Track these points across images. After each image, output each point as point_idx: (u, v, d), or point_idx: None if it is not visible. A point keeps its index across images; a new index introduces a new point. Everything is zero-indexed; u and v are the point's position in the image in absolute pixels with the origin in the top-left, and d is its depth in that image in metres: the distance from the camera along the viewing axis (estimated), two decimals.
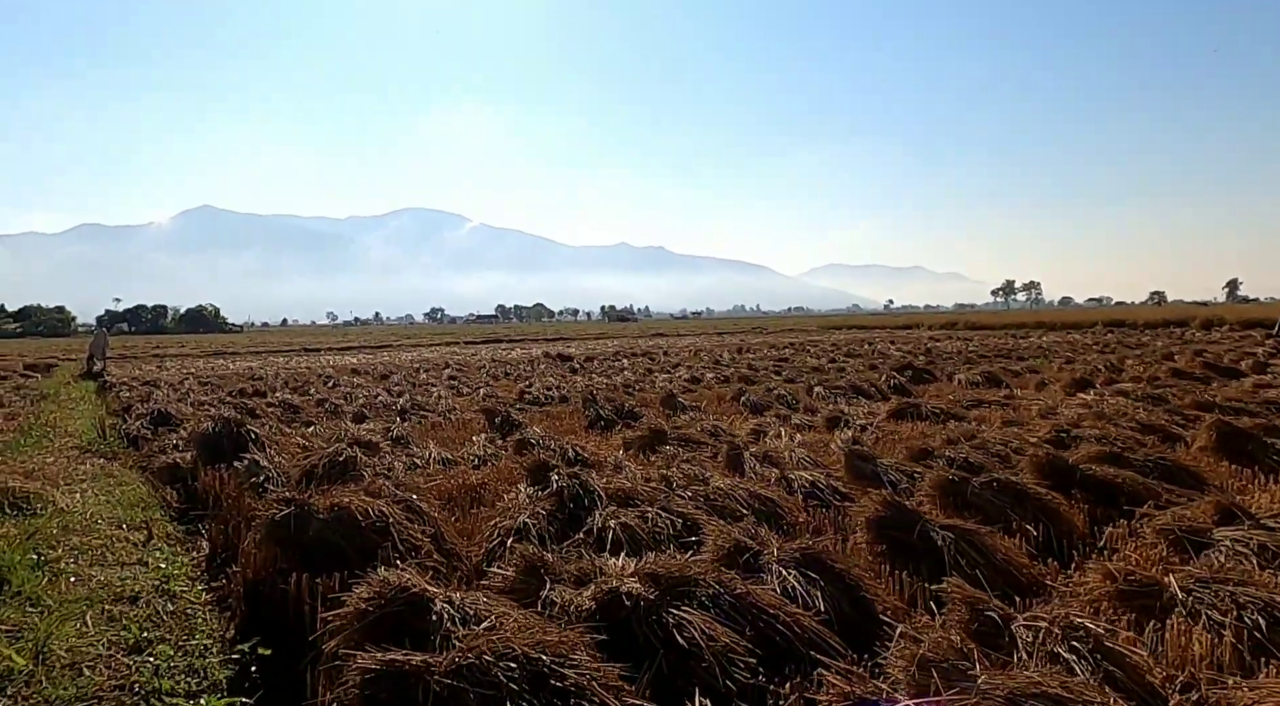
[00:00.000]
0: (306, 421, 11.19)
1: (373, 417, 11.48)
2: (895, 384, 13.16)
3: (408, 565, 3.80)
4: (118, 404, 13.74)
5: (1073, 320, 41.12)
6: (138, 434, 10.26)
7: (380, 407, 12.56)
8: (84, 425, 11.58)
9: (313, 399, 13.77)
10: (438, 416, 11.63)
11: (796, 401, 11.87)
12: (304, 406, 12.53)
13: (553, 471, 5.43)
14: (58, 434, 10.79)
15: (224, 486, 6.33)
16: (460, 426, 10.50)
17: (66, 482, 7.31)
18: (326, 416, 11.77)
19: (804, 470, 6.08)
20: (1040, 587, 4.06)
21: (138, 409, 12.02)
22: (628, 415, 10.51)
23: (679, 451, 7.34)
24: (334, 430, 10.07)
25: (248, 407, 11.85)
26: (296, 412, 12.02)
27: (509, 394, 14.48)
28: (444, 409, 12.32)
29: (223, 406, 12.57)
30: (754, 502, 5.30)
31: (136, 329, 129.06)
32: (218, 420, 7.67)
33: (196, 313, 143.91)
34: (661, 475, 5.72)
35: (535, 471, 5.62)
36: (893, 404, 10.23)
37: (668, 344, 36.72)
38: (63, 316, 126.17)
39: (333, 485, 5.32)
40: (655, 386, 15.05)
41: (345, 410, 12.33)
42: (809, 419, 9.86)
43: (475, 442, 8.60)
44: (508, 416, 9.86)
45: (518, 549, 3.77)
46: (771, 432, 8.62)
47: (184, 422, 10.82)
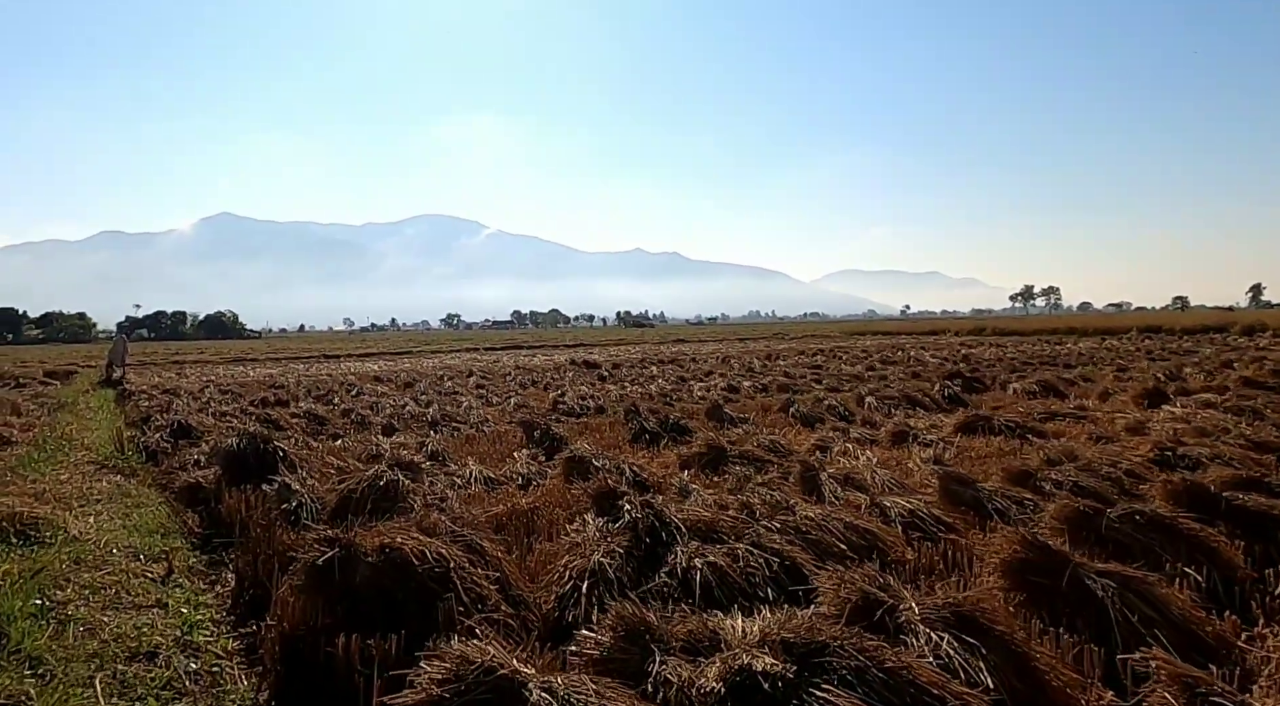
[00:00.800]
0: (333, 434, 10.63)
1: (402, 430, 10.91)
2: (949, 393, 12.44)
3: (476, 621, 3.19)
4: (136, 414, 13.25)
5: (1105, 325, 40.04)
6: (157, 447, 9.73)
7: (409, 419, 12.00)
8: (101, 437, 11.08)
9: (338, 409, 13.23)
10: (470, 428, 11.05)
11: (850, 413, 11.20)
12: (330, 417, 11.98)
13: (623, 499, 4.80)
14: (74, 447, 10.28)
15: (251, 511, 5.74)
16: (496, 440, 9.91)
17: (80, 504, 6.76)
18: (354, 428, 11.21)
19: (895, 495, 5.42)
20: (1227, 649, 3.38)
21: (157, 420, 11.51)
22: (674, 428, 9.87)
23: (746, 471, 6.69)
24: (364, 444, 9.52)
25: (271, 419, 11.32)
26: (322, 424, 11.46)
27: (541, 404, 13.88)
28: (476, 420, 11.74)
29: (245, 417, 12.08)
30: (850, 535, 4.66)
31: (156, 335, 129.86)
32: (242, 435, 7.10)
33: (215, 319, 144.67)
34: (741, 502, 5.07)
35: (601, 499, 4.99)
36: (959, 417, 9.53)
37: (692, 350, 36.05)
38: (84, 323, 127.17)
39: (377, 517, 4.71)
40: (694, 395, 14.41)
41: (373, 421, 11.77)
42: (870, 432, 9.18)
43: (517, 460, 8.00)
44: (547, 430, 9.25)
45: (611, 607, 3.12)
46: (836, 449, 7.96)
47: (206, 435, 10.30)
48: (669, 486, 6.20)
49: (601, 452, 7.15)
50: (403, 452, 7.12)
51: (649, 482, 6.24)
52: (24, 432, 11.40)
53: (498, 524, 5.35)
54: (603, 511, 4.91)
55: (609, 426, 10.78)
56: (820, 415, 11.01)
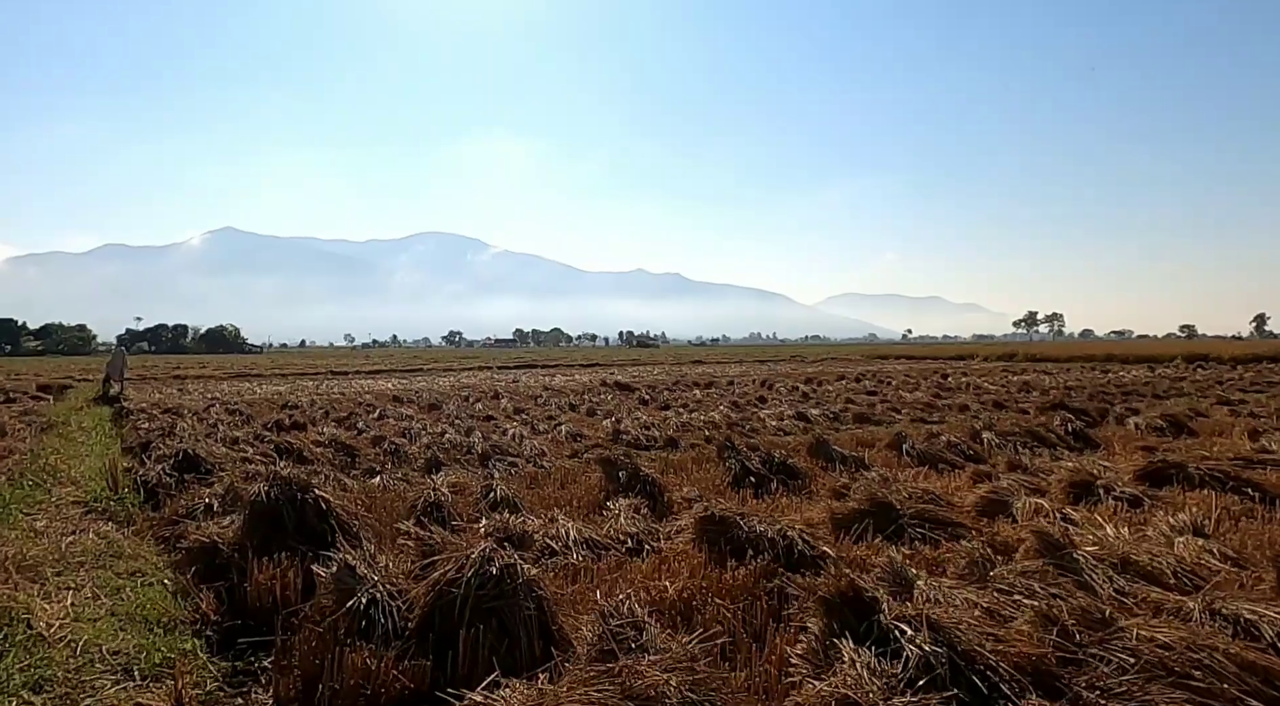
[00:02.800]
0: (368, 468, 8.94)
1: (449, 464, 9.23)
2: (1073, 429, 10.76)
3: None
4: (135, 438, 11.57)
5: (1149, 353, 38.31)
6: (158, 483, 8.05)
7: (450, 449, 10.31)
8: (92, 468, 9.38)
9: (365, 436, 11.54)
10: (528, 463, 9.36)
11: (974, 452, 9.51)
12: (358, 447, 10.28)
13: (878, 613, 3.12)
14: (58, 481, 8.58)
15: (293, 600, 4.08)
16: (568, 479, 8.23)
17: (56, 573, 5.08)
18: (390, 461, 9.52)
19: (1233, 600, 3.74)
20: None
21: (159, 447, 9.83)
22: (780, 469, 8.20)
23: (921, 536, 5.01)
24: (409, 484, 7.83)
25: (292, 448, 9.63)
26: (352, 456, 9.77)
27: (595, 432, 12.20)
28: (530, 452, 10.06)
29: (260, 443, 10.40)
30: (1242, 676, 2.99)
31: (157, 349, 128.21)
32: (272, 480, 5.42)
33: (217, 333, 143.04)
34: (1044, 615, 3.37)
35: (833, 608, 3.30)
36: (1137, 461, 7.84)
37: (716, 371, 34.37)
38: (83, 335, 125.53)
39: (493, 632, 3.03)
40: (767, 426, 12.73)
41: (409, 452, 10.09)
42: (1027, 480, 7.47)
43: (613, 511, 6.32)
44: (635, 469, 7.55)
45: None
46: (1019, 504, 6.29)
47: (218, 468, 8.62)
48: (861, 563, 4.54)
49: (734, 508, 5.46)
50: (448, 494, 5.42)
51: (835, 560, 4.56)
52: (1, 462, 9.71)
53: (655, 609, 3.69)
54: (834, 621, 3.23)
55: (693, 463, 9.11)
56: (940, 454, 9.32)
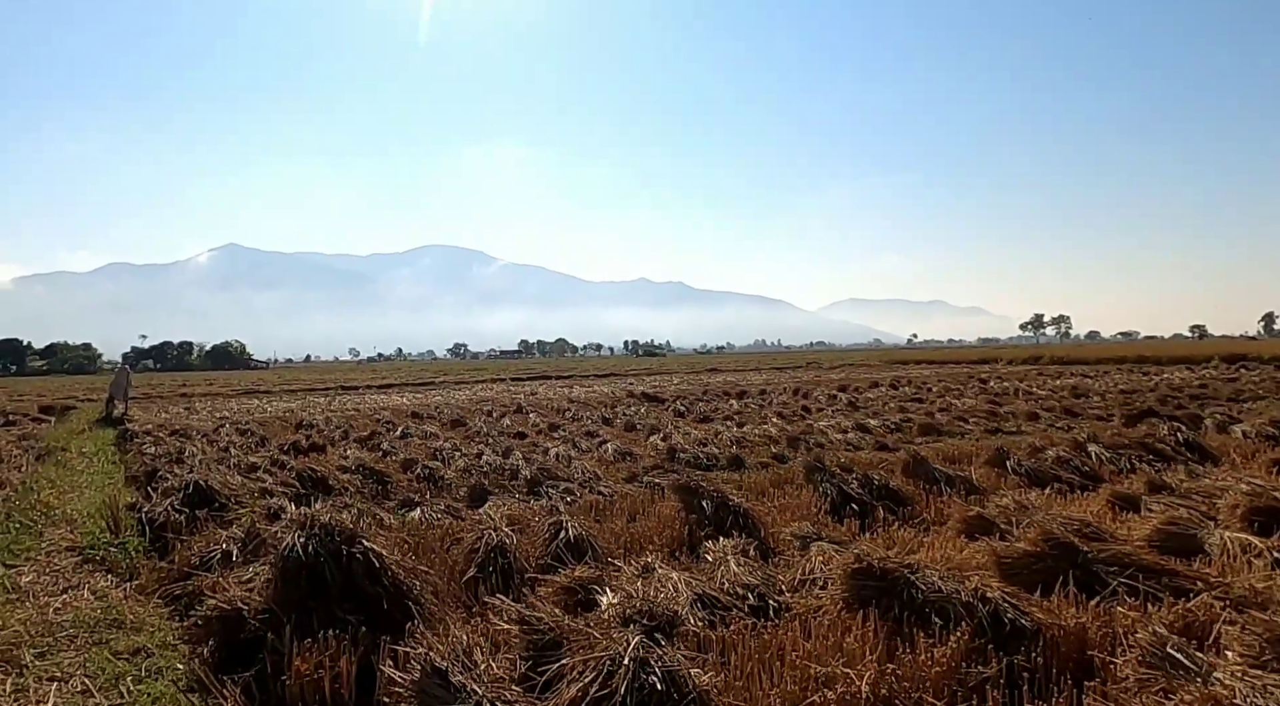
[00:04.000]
0: (404, 499, 7.82)
1: (495, 492, 8.12)
2: (1186, 440, 9.61)
3: None
4: (139, 465, 10.49)
5: (1183, 354, 37.01)
6: (166, 522, 6.95)
7: (490, 473, 9.21)
8: (91, 503, 8.27)
9: (393, 459, 10.43)
10: (584, 489, 8.24)
11: (1089, 469, 8.37)
12: (388, 472, 9.16)
13: None
14: (51, 520, 7.48)
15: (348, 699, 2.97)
16: (635, 511, 7.11)
17: (37, 654, 3.97)
18: (427, 489, 8.42)
19: None
20: None
21: (166, 476, 8.74)
22: (883, 493, 7.09)
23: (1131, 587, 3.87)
24: (462, 521, 6.71)
25: (316, 476, 8.54)
26: (383, 484, 8.66)
27: (645, 450, 11.08)
28: (582, 476, 8.94)
29: (281, 471, 9.30)
30: None
31: (162, 366, 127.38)
32: (309, 528, 4.31)
33: (222, 349, 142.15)
34: None
35: None
36: None
37: (738, 380, 33.21)
38: (88, 353, 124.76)
39: None
40: (830, 439, 11.59)
41: (446, 477, 8.99)
42: (1186, 503, 6.34)
43: (715, 554, 5.20)
44: (723, 499, 6.42)
45: None
46: (1214, 540, 5.16)
47: (233, 502, 7.54)
48: (1080, 635, 3.42)
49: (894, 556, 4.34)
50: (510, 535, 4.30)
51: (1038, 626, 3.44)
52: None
53: None
54: None
55: (773, 486, 7.98)
56: (1052, 471, 8.20)
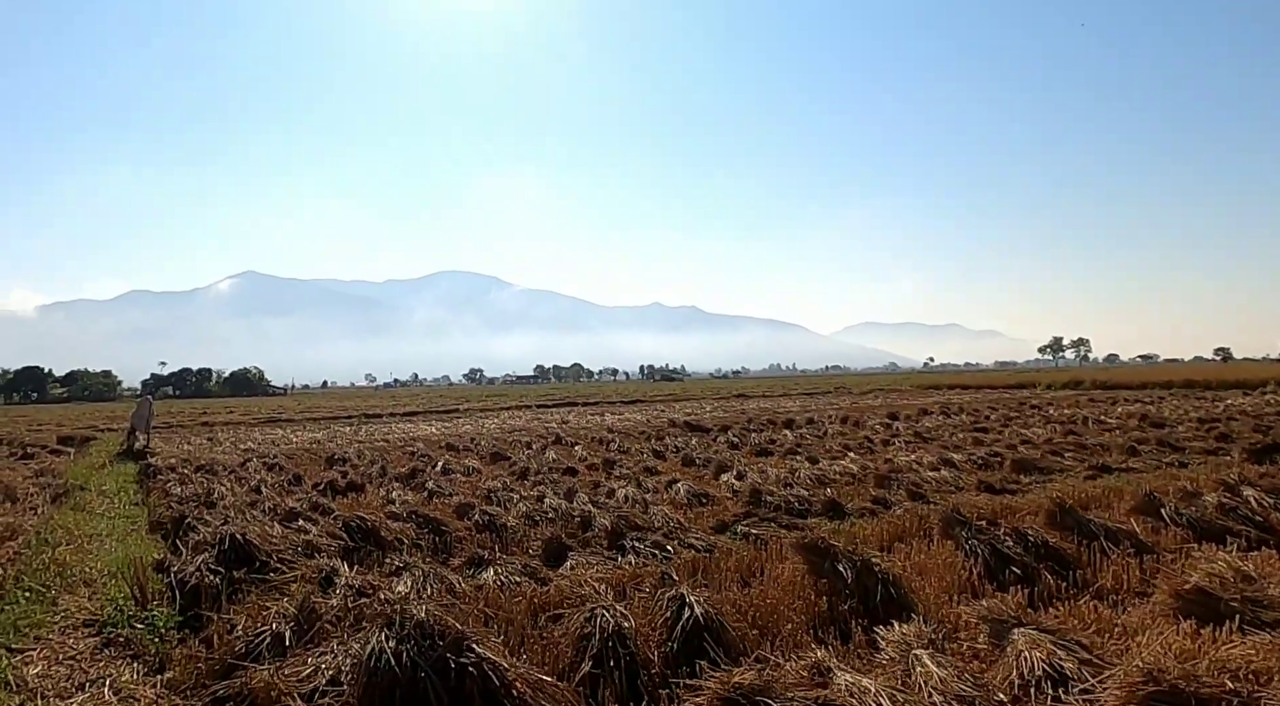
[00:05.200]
0: (471, 556, 6.75)
1: (574, 547, 7.06)
2: None
3: None
4: (165, 509, 9.52)
5: (1233, 378, 35.53)
6: (199, 584, 5.95)
7: (558, 521, 8.18)
8: (112, 560, 7.26)
9: (443, 501, 9.40)
10: (667, 539, 7.16)
11: (1259, 517, 7.22)
12: (443, 519, 8.12)
13: None
14: (66, 583, 6.48)
15: None
16: (747, 573, 6.03)
17: None
18: (492, 541, 7.36)
19: None
20: None
21: (196, 525, 7.75)
22: (1041, 552, 5.99)
23: None
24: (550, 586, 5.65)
25: (366, 526, 7.53)
26: (440, 534, 7.64)
27: (720, 491, 10.00)
28: (664, 524, 7.86)
29: (323, 517, 8.28)
30: None
31: (181, 393, 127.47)
32: (400, 624, 3.29)
33: (241, 376, 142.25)
34: None
35: None
36: None
37: (774, 406, 32.04)
38: (108, 381, 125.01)
39: None
40: (922, 476, 10.46)
41: (508, 525, 7.95)
42: None
43: (894, 647, 4.12)
44: (865, 563, 5.34)
45: None
46: None
47: (275, 559, 6.52)
48: None
49: (1206, 675, 3.25)
50: None
51: None
52: (1, 549, 7.66)
53: None
54: None
55: (896, 540, 6.88)
56: (1217, 521, 7.07)
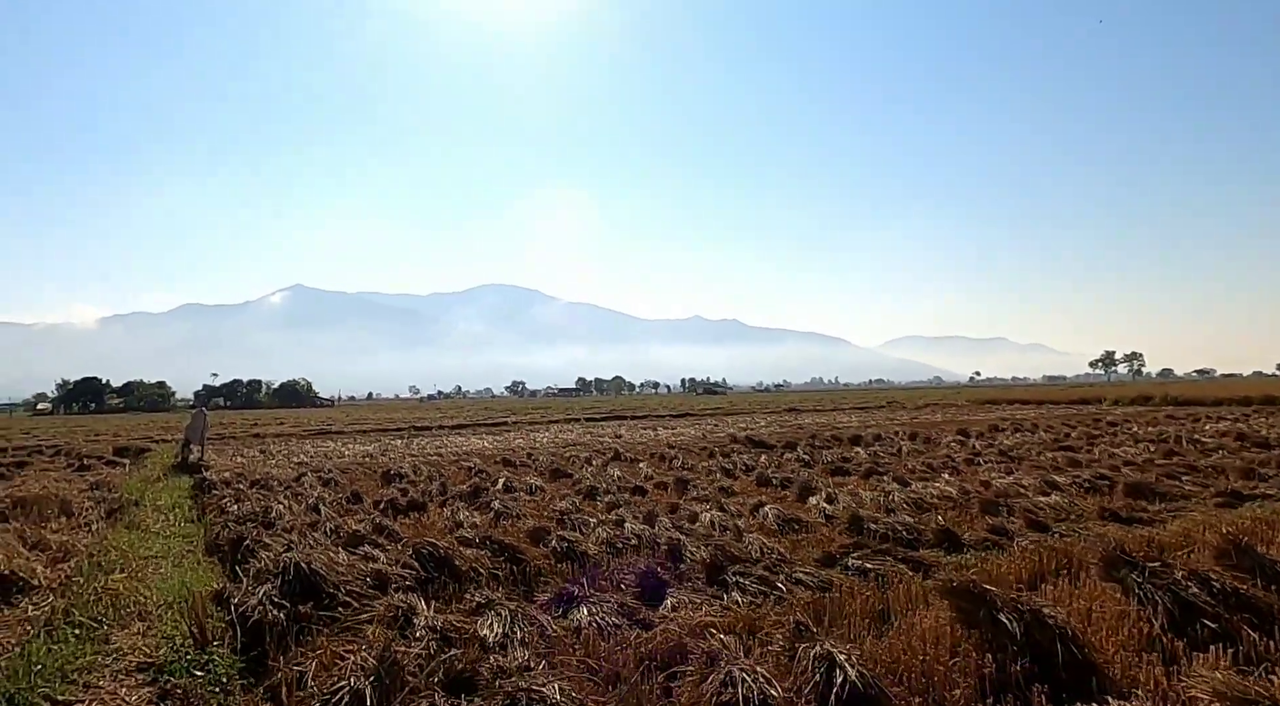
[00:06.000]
0: (559, 593, 6.05)
1: (672, 583, 6.31)
2: None
3: None
4: (222, 529, 9.02)
5: None
6: (263, 620, 5.37)
7: (644, 548, 7.44)
8: (169, 588, 6.73)
9: (516, 525, 8.74)
10: (772, 574, 6.37)
11: None
12: (518, 546, 7.46)
13: None
14: (119, 616, 5.94)
15: None
16: (874, 618, 5.23)
17: None
18: (576, 573, 6.66)
19: None
20: None
21: (257, 552, 7.21)
22: (1233, 601, 5.10)
23: None
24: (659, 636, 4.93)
25: (435, 554, 6.89)
26: (517, 562, 6.95)
27: (811, 516, 9.16)
28: (763, 556, 7.07)
29: (389, 541, 7.68)
30: None
31: (232, 404, 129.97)
32: None
33: (289, 387, 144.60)
34: None
35: None
36: None
37: (829, 421, 30.95)
38: (162, 391, 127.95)
39: None
40: (1033, 502, 9.50)
41: (589, 553, 7.24)
42: None
43: None
44: (1035, 615, 4.51)
45: None
46: None
47: (342, 592, 5.91)
48: None
49: None
50: None
51: None
52: (53, 571, 7.19)
53: None
54: None
55: (1033, 578, 6.01)
56: None
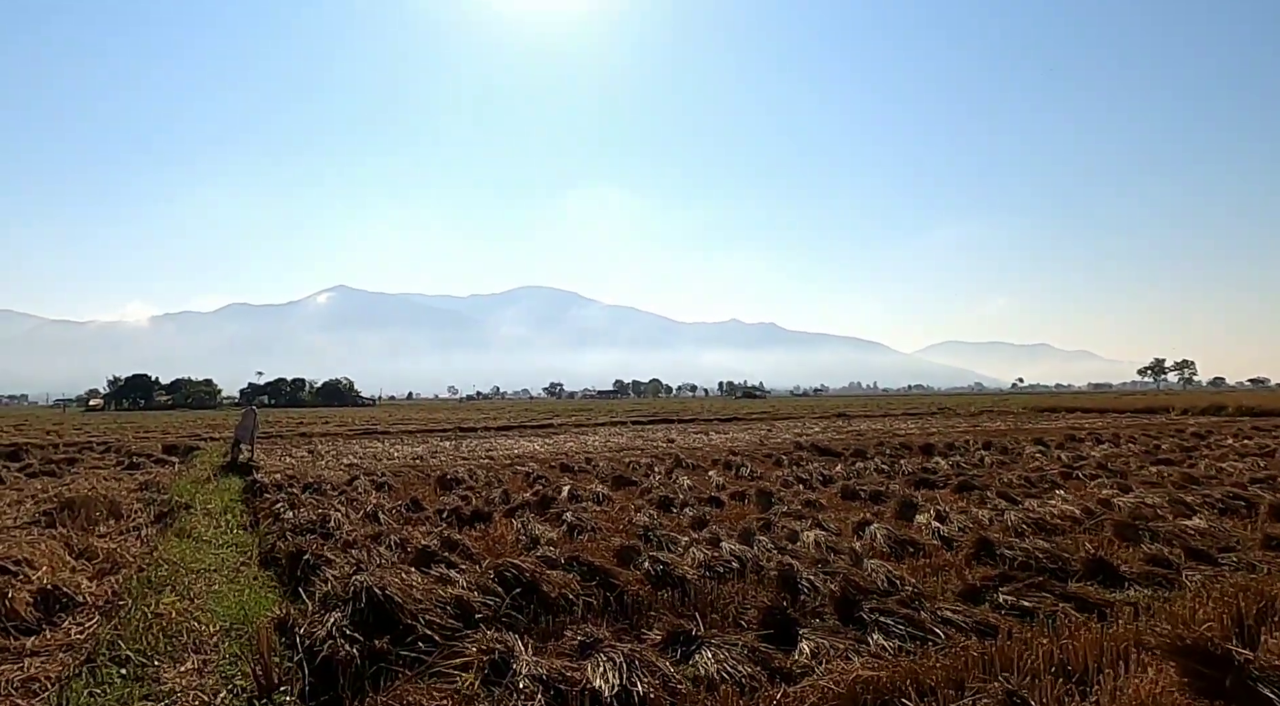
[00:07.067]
0: (672, 631, 5.19)
1: (801, 621, 5.42)
2: None
3: None
4: (279, 539, 8.33)
5: None
6: (333, 656, 4.61)
7: (746, 575, 6.56)
8: (225, 612, 6.01)
9: (600, 544, 7.91)
10: (908, 608, 5.44)
11: None
12: (608, 568, 6.62)
13: None
14: (172, 646, 5.22)
15: None
16: (1056, 667, 4.28)
17: None
18: (683, 605, 5.80)
19: None
20: None
21: (321, 570, 6.47)
22: None
23: None
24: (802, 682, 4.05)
25: (519, 577, 6.08)
26: (609, 587, 6.11)
27: (924, 537, 8.17)
28: (895, 588, 6.13)
29: (463, 559, 6.90)
30: None
31: (276, 402, 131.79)
32: None
33: (332, 386, 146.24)
34: None
35: None
36: None
37: (886, 427, 29.65)
38: (209, 389, 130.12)
39: None
40: (1174, 525, 8.41)
41: (687, 577, 6.37)
42: None
43: None
44: None
45: None
46: None
47: (421, 623, 5.12)
48: None
49: None
50: None
51: None
52: (99, 585, 6.54)
53: None
54: None
55: (1229, 622, 5.02)
56: None
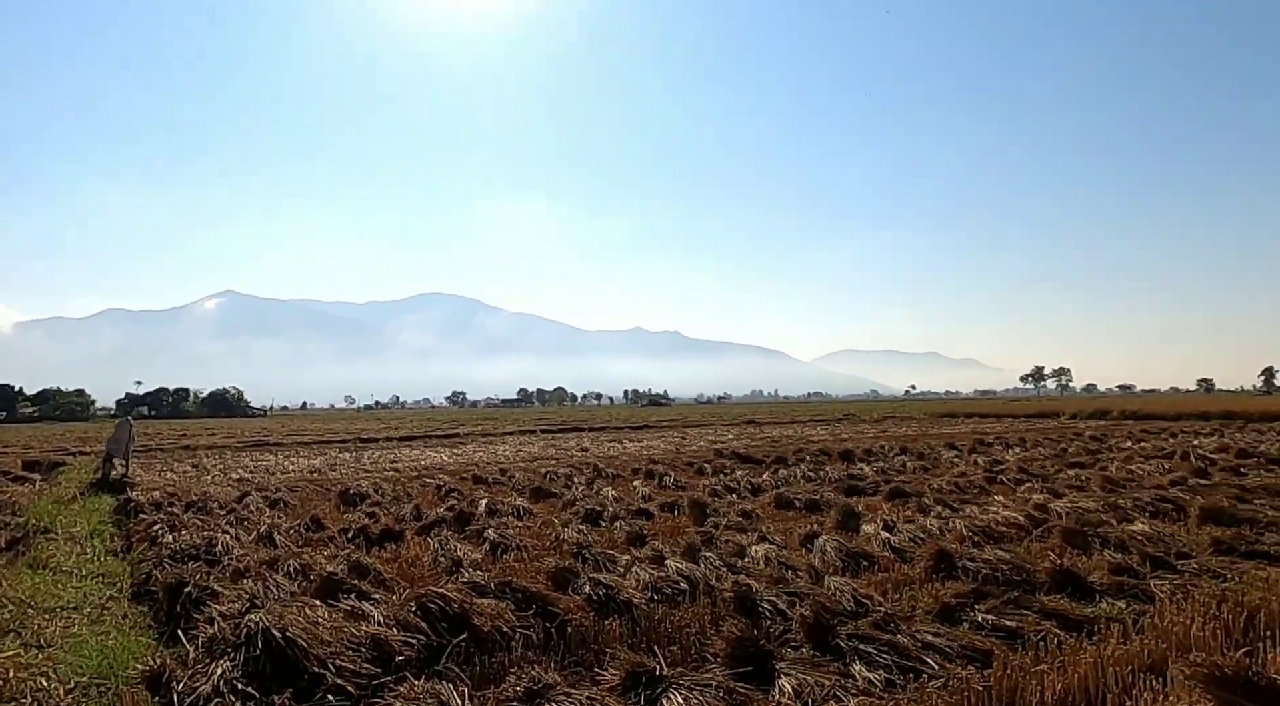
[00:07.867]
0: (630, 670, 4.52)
1: (775, 651, 4.85)
2: None
3: None
4: (156, 567, 7.18)
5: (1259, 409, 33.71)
6: None
7: (699, 597, 5.96)
8: (87, 664, 4.93)
9: (530, 565, 7.14)
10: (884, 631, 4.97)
11: None
12: (545, 595, 5.88)
13: None
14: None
15: None
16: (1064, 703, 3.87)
17: None
18: (630, 635, 5.13)
19: None
20: None
21: (205, 605, 5.48)
22: None
23: None
24: None
25: (446, 610, 5.27)
26: (549, 617, 5.39)
27: (876, 548, 7.78)
28: (865, 608, 5.64)
29: (376, 588, 6.02)
30: None
31: (158, 413, 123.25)
32: None
33: (219, 396, 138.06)
34: None
35: None
36: None
37: (800, 434, 29.80)
38: (81, 400, 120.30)
39: None
40: (1123, 531, 8.32)
41: (635, 603, 5.73)
42: None
43: None
44: None
45: None
46: None
47: (332, 672, 4.28)
48: None
49: None
50: None
51: None
52: None
53: None
54: None
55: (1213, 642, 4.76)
56: None
